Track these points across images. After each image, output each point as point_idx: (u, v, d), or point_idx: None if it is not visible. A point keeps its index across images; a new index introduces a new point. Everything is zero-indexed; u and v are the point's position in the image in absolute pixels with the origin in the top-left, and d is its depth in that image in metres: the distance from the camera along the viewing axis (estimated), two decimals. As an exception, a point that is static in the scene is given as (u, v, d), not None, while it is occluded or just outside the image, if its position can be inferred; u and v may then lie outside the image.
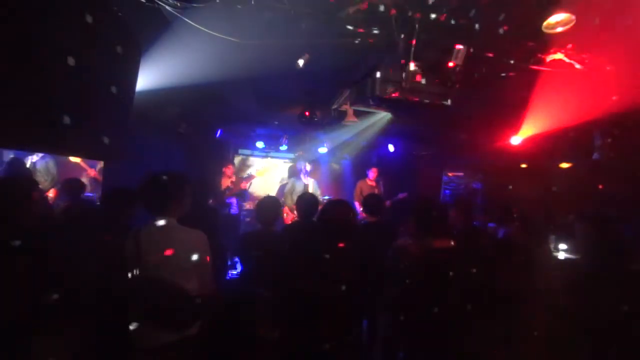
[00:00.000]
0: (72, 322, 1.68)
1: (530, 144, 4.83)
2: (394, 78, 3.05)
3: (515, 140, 4.94)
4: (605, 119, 3.81)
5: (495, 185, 6.32)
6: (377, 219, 3.19)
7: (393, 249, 2.42)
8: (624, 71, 3.14)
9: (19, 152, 4.33)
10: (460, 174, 6.97)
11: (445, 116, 4.58)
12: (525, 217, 3.02)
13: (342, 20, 2.63)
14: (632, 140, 3.91)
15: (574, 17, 2.36)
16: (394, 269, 2.31)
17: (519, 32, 2.74)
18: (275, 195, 6.49)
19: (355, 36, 2.77)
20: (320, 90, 4.35)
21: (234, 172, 6.06)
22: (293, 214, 5.42)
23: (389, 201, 5.67)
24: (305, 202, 2.87)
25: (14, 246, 1.53)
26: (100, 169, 5.08)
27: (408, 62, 2.91)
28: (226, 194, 5.63)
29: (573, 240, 3.59)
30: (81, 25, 1.67)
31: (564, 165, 4.99)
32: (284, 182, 7.13)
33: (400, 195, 5.81)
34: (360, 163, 7.26)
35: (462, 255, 2.04)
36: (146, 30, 2.52)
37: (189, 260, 1.70)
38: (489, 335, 1.91)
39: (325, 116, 4.96)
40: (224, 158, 6.82)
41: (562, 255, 3.62)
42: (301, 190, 5.59)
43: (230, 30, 2.61)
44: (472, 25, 2.70)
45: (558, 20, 2.41)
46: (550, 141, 4.60)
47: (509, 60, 3.13)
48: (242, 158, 7.93)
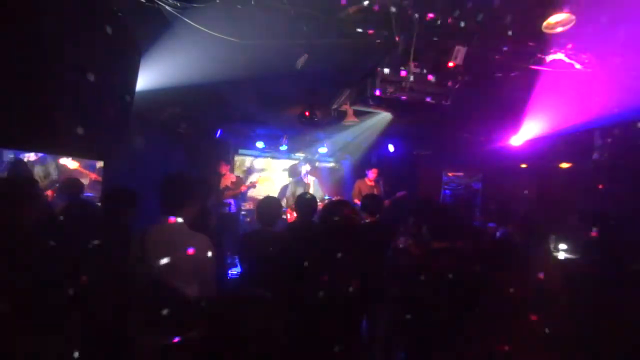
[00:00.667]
0: (73, 322, 1.68)
1: (530, 144, 4.83)
2: (394, 78, 3.05)
3: (515, 140, 4.94)
4: (605, 119, 3.81)
5: (495, 185, 6.33)
6: (377, 218, 3.20)
7: (393, 248, 2.42)
8: (624, 71, 3.14)
9: (18, 152, 4.33)
10: (460, 174, 6.98)
11: (445, 116, 4.59)
12: (524, 217, 3.01)
13: (342, 20, 2.63)
14: (632, 141, 3.92)
15: (574, 17, 2.36)
16: (393, 268, 2.31)
17: (519, 32, 2.74)
18: (276, 195, 6.51)
19: (355, 36, 2.77)
20: (320, 90, 4.34)
21: (230, 170, 6.07)
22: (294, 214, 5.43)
23: (389, 200, 5.67)
24: (304, 203, 2.87)
25: (14, 246, 1.53)
26: (99, 168, 5.09)
27: (408, 62, 2.91)
28: (225, 194, 5.60)
29: (573, 240, 3.60)
30: (81, 25, 1.67)
31: (564, 165, 4.99)
32: (285, 183, 7.13)
33: (399, 193, 5.79)
34: (360, 163, 7.26)
35: (462, 255, 2.03)
36: (146, 30, 2.52)
37: (192, 263, 1.70)
38: (489, 335, 1.91)
39: (325, 116, 4.96)
40: (224, 158, 6.81)
41: (562, 255, 3.62)
42: (302, 190, 5.59)
43: (230, 30, 2.60)
44: (472, 26, 2.70)
45: (558, 20, 2.41)
46: (550, 141, 4.61)
47: (509, 60, 3.13)
48: (248, 165, 7.86)
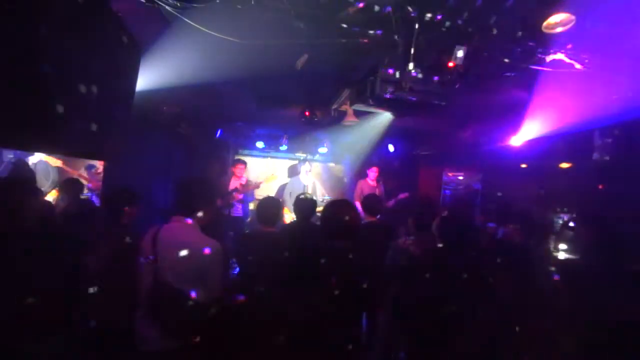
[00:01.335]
0: (73, 322, 1.68)
1: (530, 144, 4.83)
2: (394, 78, 3.05)
3: (515, 140, 4.94)
4: (605, 119, 3.81)
5: (495, 185, 6.33)
6: (377, 219, 3.20)
7: (393, 248, 2.42)
8: (624, 71, 3.14)
9: (18, 152, 4.33)
10: (460, 174, 6.98)
11: (445, 116, 4.59)
12: (525, 217, 3.01)
13: (342, 20, 2.63)
14: (632, 141, 3.91)
15: (574, 17, 2.36)
16: (393, 268, 2.31)
17: (518, 32, 2.74)
18: (275, 195, 6.50)
19: (355, 36, 2.77)
20: (320, 90, 4.34)
21: (245, 172, 5.57)
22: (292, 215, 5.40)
23: (393, 201, 5.67)
24: (303, 203, 2.87)
25: (15, 246, 1.53)
26: (88, 166, 5.10)
27: (408, 62, 2.91)
28: (233, 195, 5.23)
29: (573, 240, 3.59)
30: (81, 25, 1.67)
31: (564, 165, 4.99)
32: (284, 183, 7.12)
33: (401, 195, 5.80)
34: (361, 163, 7.25)
35: (462, 255, 2.03)
36: (146, 30, 2.52)
37: (201, 267, 1.70)
38: (489, 335, 1.91)
39: (325, 116, 4.95)
40: (224, 158, 6.79)
41: (562, 255, 3.62)
42: (301, 190, 5.58)
43: (230, 30, 2.60)
44: (472, 26, 2.70)
45: (558, 20, 2.40)
46: (550, 141, 4.60)
47: (509, 60, 3.12)
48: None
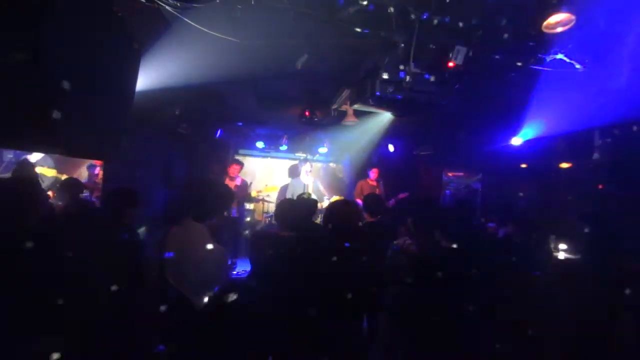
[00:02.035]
0: (74, 323, 1.68)
1: (530, 144, 4.83)
2: (394, 78, 3.05)
3: (516, 140, 4.94)
4: (605, 119, 3.81)
5: (495, 185, 6.33)
6: (377, 219, 3.20)
7: (393, 249, 2.42)
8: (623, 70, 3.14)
9: (18, 152, 4.33)
10: (460, 174, 6.98)
11: (445, 116, 4.59)
12: (525, 217, 3.01)
13: (342, 20, 2.63)
14: (632, 141, 3.91)
15: (574, 17, 2.36)
16: (393, 268, 2.31)
17: (519, 32, 2.74)
18: (277, 197, 6.49)
19: (355, 36, 2.77)
20: (320, 90, 4.35)
21: (239, 172, 5.54)
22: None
23: (393, 201, 5.67)
24: (303, 204, 2.86)
25: (15, 246, 1.53)
26: (87, 166, 5.08)
27: (408, 62, 2.91)
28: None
29: (573, 240, 3.60)
30: (81, 25, 1.67)
31: (564, 165, 4.99)
32: (285, 183, 7.11)
33: (401, 195, 5.80)
34: (361, 163, 7.25)
35: (462, 255, 2.03)
36: (146, 30, 2.52)
37: (207, 271, 1.70)
38: (489, 335, 1.91)
39: (325, 116, 4.95)
40: (224, 158, 6.78)
41: (562, 255, 3.62)
42: (301, 190, 5.57)
43: (230, 30, 2.60)
44: (472, 26, 2.70)
45: (558, 20, 2.41)
46: (550, 141, 4.60)
47: (509, 60, 3.13)
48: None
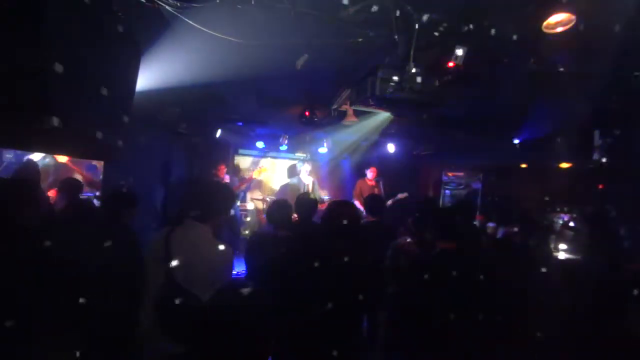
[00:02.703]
0: (74, 323, 1.68)
1: (530, 144, 4.83)
2: (394, 78, 3.05)
3: (515, 140, 4.94)
4: (605, 119, 3.81)
5: (495, 185, 6.33)
6: (378, 219, 3.20)
7: (393, 248, 2.42)
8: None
9: (18, 153, 4.33)
10: (460, 174, 6.98)
11: (445, 116, 4.59)
12: (525, 217, 3.01)
13: (342, 20, 2.63)
14: (632, 140, 3.92)
15: (574, 17, 2.36)
16: (393, 268, 2.31)
17: (519, 32, 2.74)
18: (276, 196, 6.50)
19: (355, 36, 2.77)
20: (320, 90, 4.34)
21: (227, 172, 5.76)
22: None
23: (390, 201, 5.67)
24: (305, 203, 2.86)
25: (15, 246, 1.53)
26: (87, 166, 5.07)
27: (408, 62, 2.91)
28: None
29: (573, 240, 3.60)
30: (81, 25, 1.67)
31: (564, 165, 4.99)
32: (285, 183, 7.12)
33: (400, 195, 5.81)
34: (360, 163, 7.26)
35: (462, 255, 2.03)
36: (146, 30, 2.52)
37: (212, 271, 1.67)
38: (489, 335, 1.91)
39: (325, 116, 4.95)
40: (224, 158, 6.79)
41: (562, 255, 3.63)
42: (301, 190, 5.57)
43: (231, 30, 2.60)
44: (472, 26, 2.70)
45: (558, 20, 2.40)
46: (550, 141, 4.61)
47: (509, 60, 3.12)
48: (253, 160, 7.78)
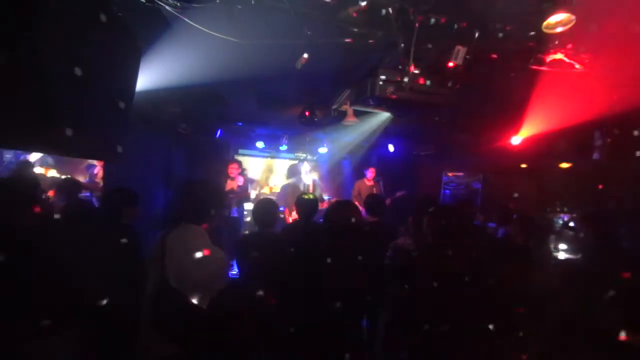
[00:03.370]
0: (73, 324, 1.68)
1: (530, 144, 4.83)
2: (394, 78, 3.05)
3: (516, 140, 4.94)
4: (605, 119, 3.81)
5: (495, 185, 6.33)
6: (378, 219, 3.20)
7: (393, 248, 2.42)
8: (624, 70, 3.13)
9: (18, 152, 4.33)
10: (460, 174, 6.97)
11: (445, 116, 4.59)
12: (525, 217, 3.01)
13: (342, 20, 2.63)
14: (632, 140, 3.92)
15: (574, 17, 2.36)
16: (393, 268, 2.31)
17: (519, 32, 2.74)
18: (276, 196, 6.50)
19: (355, 36, 2.77)
20: (320, 90, 4.34)
21: (241, 174, 5.55)
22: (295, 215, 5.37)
23: (389, 200, 5.67)
24: (305, 203, 2.86)
25: (15, 246, 1.53)
26: (87, 166, 5.08)
27: (408, 62, 2.91)
28: (230, 197, 5.13)
29: (573, 240, 3.60)
30: (81, 25, 1.67)
31: (564, 165, 4.99)
32: (285, 183, 7.12)
33: (398, 193, 5.80)
34: (360, 163, 7.26)
35: (462, 255, 2.03)
36: (146, 30, 2.52)
37: (207, 274, 1.67)
38: (489, 335, 1.91)
39: (325, 116, 4.95)
40: (224, 158, 6.79)
41: (562, 255, 3.63)
42: (302, 190, 5.57)
43: (231, 30, 2.60)
44: (472, 26, 2.70)
45: (558, 20, 2.40)
46: (551, 141, 4.60)
47: (509, 60, 3.12)
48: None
